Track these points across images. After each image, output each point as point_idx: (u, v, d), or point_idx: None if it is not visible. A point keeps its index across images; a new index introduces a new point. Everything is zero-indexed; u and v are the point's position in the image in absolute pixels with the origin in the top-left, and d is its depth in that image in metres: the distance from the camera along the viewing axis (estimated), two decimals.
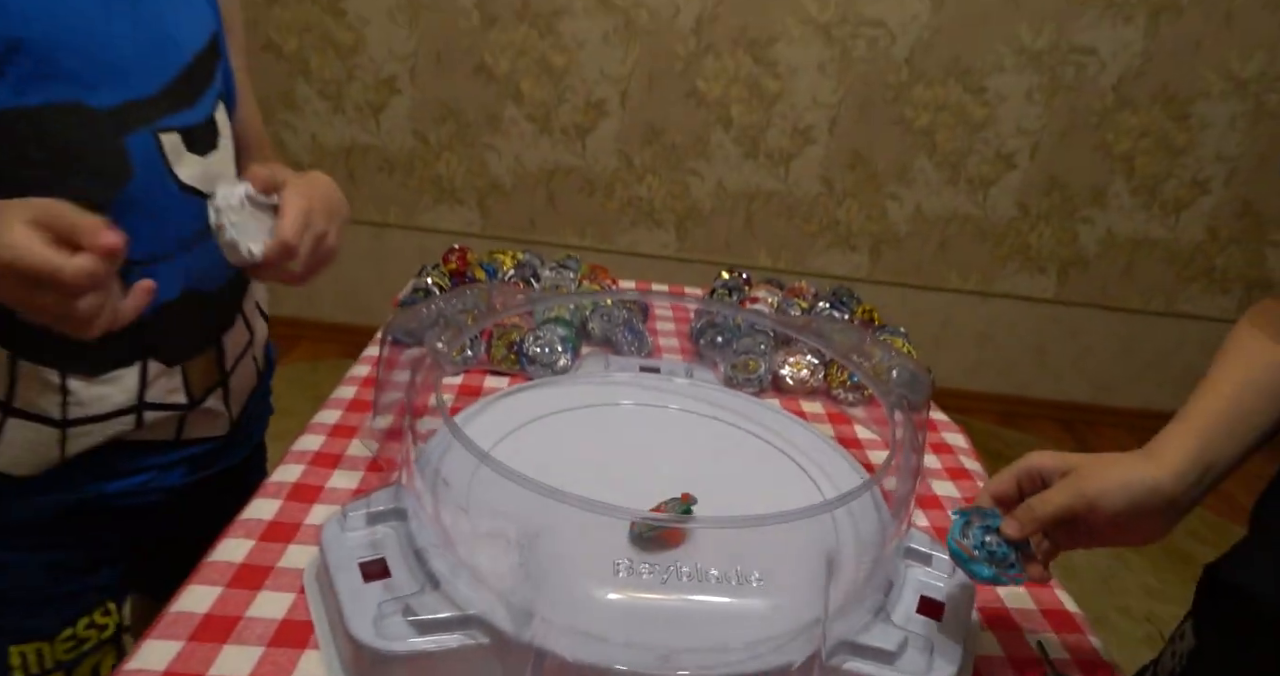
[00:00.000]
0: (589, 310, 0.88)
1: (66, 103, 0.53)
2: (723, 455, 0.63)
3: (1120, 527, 0.45)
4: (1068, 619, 0.55)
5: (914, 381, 0.83)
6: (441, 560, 0.47)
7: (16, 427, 0.57)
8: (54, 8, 0.52)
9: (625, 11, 2.03)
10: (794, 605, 0.43)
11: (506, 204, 2.24)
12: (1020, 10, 2.02)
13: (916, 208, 2.21)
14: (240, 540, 0.53)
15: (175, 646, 0.44)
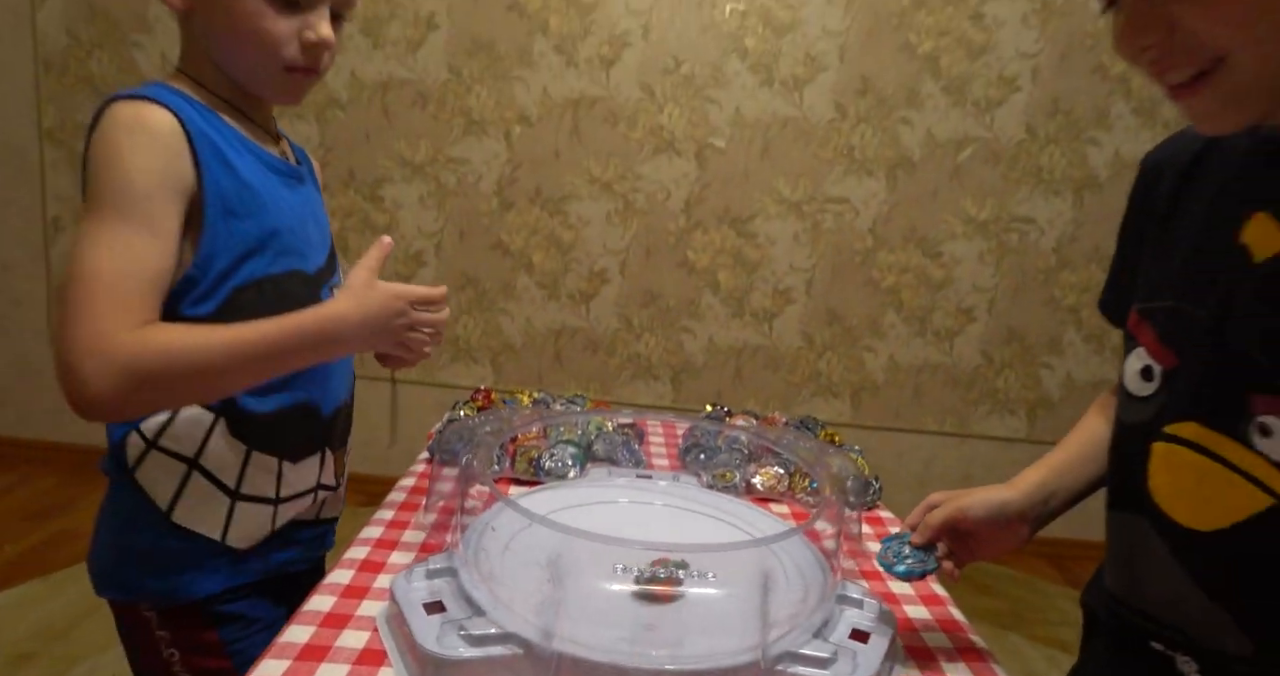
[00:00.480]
0: (594, 434, 1.06)
1: (295, 270, 0.76)
2: (700, 530, 0.79)
3: (989, 536, 0.63)
4: (979, 655, 0.69)
5: (864, 488, 1.00)
6: (485, 597, 0.62)
7: (244, 509, 0.76)
8: (286, 205, 0.77)
9: (624, 196, 2.36)
10: (744, 621, 0.58)
11: (517, 361, 2.46)
12: (964, 187, 2.35)
13: (890, 358, 2.43)
14: (326, 596, 0.68)
15: (285, 664, 0.59)
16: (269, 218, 0.74)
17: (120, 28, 2.30)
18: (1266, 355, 0.50)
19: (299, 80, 0.74)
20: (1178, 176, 0.60)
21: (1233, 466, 0.52)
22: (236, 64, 0.73)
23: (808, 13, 2.25)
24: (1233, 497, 0.51)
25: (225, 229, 0.70)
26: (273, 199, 0.75)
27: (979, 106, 2.30)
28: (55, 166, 2.40)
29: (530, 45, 2.28)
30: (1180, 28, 0.46)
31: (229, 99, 0.75)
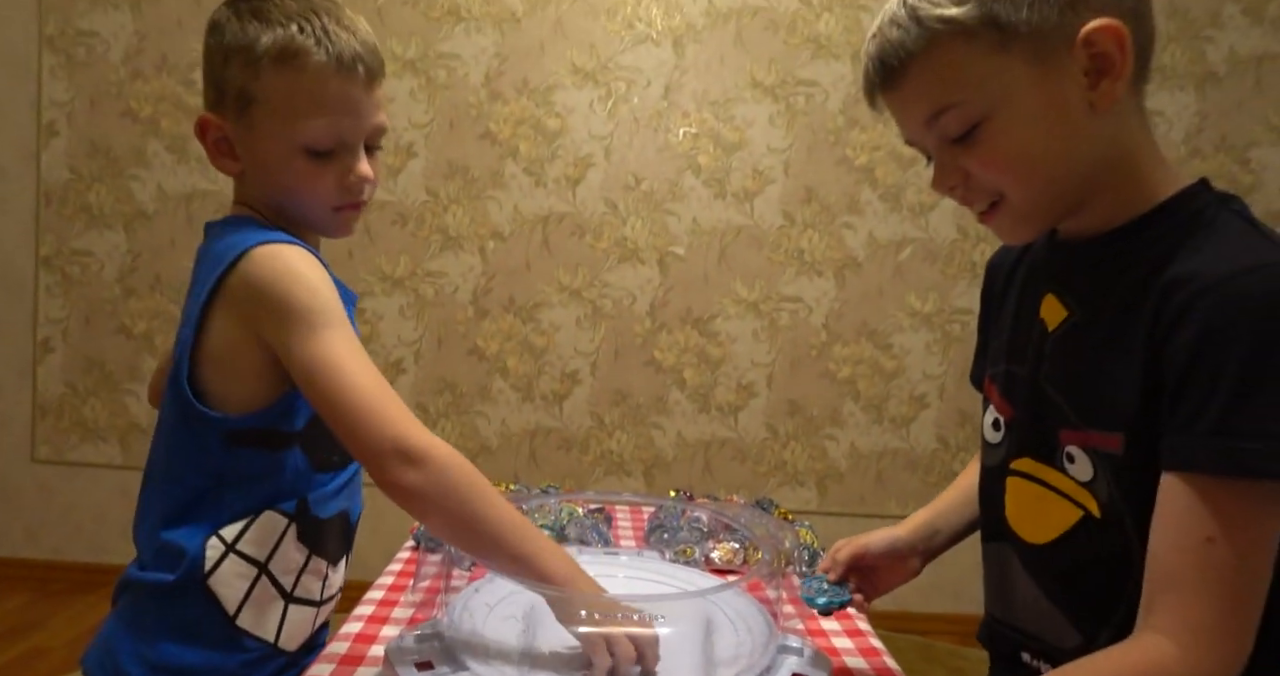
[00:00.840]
0: (566, 519, 1.16)
1: None
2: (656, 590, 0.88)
3: (887, 568, 0.76)
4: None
5: (813, 557, 1.11)
6: (469, 655, 0.71)
7: (295, 611, 0.81)
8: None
9: (592, 301, 2.52)
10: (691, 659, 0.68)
11: (494, 462, 2.54)
12: (907, 283, 2.54)
13: (851, 445, 2.55)
14: (325, 665, 0.76)
15: None
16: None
17: (119, 163, 2.48)
18: (1064, 399, 0.65)
19: (348, 216, 0.83)
20: (1008, 273, 0.78)
21: (1054, 488, 0.66)
22: (292, 212, 0.81)
23: (753, 133, 2.50)
24: (1056, 514, 0.65)
25: None
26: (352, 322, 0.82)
27: (914, 211, 2.53)
28: (50, 291, 2.52)
29: (502, 168, 2.49)
30: (971, 176, 0.63)
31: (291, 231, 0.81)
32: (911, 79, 0.62)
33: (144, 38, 2.44)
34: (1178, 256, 0.59)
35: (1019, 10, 0.58)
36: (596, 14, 2.46)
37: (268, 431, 0.77)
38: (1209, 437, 0.54)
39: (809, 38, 2.48)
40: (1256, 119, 2.50)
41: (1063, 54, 0.59)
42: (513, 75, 2.47)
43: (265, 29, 0.76)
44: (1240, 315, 0.54)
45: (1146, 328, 0.59)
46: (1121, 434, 0.60)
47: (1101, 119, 0.61)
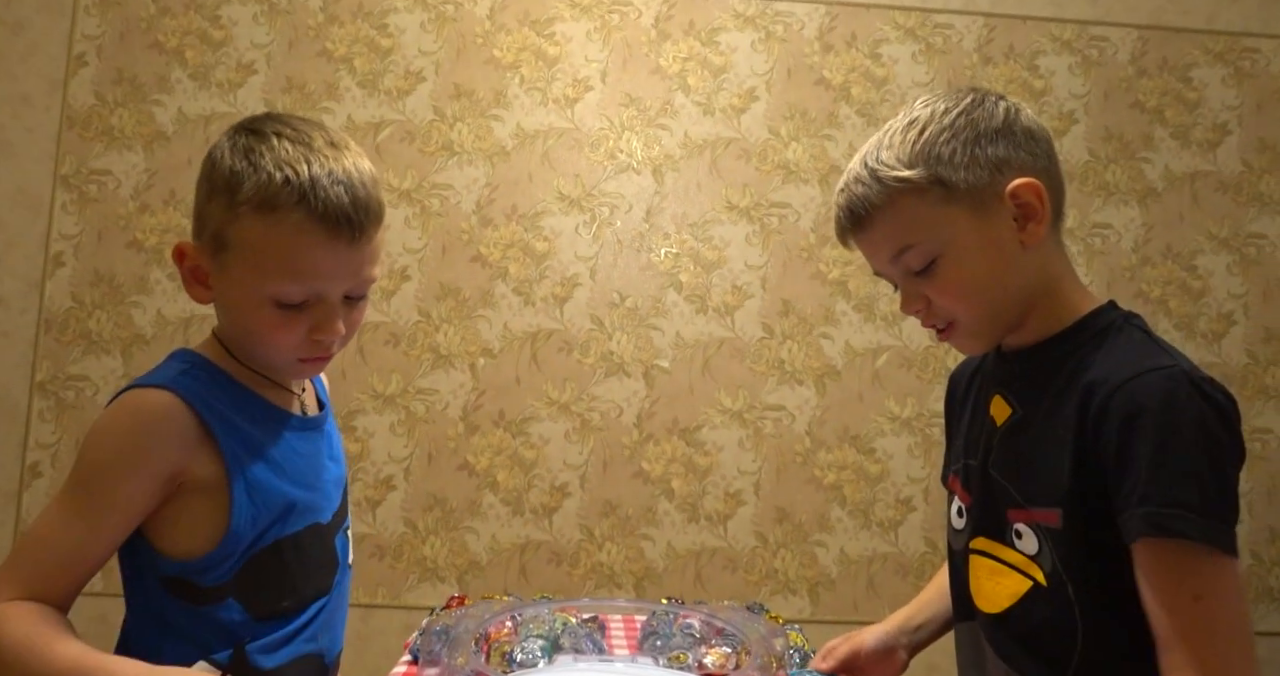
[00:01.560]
0: (560, 629, 1.17)
1: (314, 524, 0.81)
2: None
3: (878, 663, 0.81)
4: None
5: (804, 660, 1.13)
6: None
7: None
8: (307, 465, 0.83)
9: (580, 415, 2.58)
10: None
11: (484, 578, 2.52)
12: (885, 389, 2.62)
13: (841, 551, 2.55)
14: None
15: None
16: (289, 487, 0.78)
17: (121, 290, 2.58)
18: (1010, 483, 0.75)
19: (311, 366, 0.81)
20: (966, 383, 0.92)
21: (1005, 563, 0.75)
22: (253, 353, 0.80)
23: (731, 252, 2.64)
24: (1009, 585, 0.74)
25: (250, 506, 0.74)
26: (294, 464, 0.80)
27: (887, 320, 2.64)
28: (42, 416, 2.55)
29: (492, 289, 2.60)
30: (931, 302, 0.79)
31: (248, 363, 0.81)
32: (877, 225, 0.76)
33: (154, 175, 2.59)
34: (1094, 362, 0.73)
35: (958, 172, 0.73)
36: (581, 146, 2.65)
37: (188, 585, 0.74)
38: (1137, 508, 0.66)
39: (779, 164, 2.67)
40: (1198, 230, 2.68)
41: (995, 205, 0.74)
42: (502, 203, 2.62)
43: (251, 172, 0.72)
44: (1146, 407, 0.67)
45: (1074, 420, 0.71)
46: (1059, 509, 0.71)
47: (1030, 254, 0.75)
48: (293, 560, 0.78)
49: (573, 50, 2.67)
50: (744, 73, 2.69)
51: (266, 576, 0.75)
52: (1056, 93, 2.71)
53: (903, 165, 0.74)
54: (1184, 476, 0.65)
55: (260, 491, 0.76)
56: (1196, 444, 0.66)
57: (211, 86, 2.63)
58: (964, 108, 0.76)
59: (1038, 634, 0.71)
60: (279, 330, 0.75)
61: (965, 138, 0.73)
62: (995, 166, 0.74)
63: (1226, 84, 2.72)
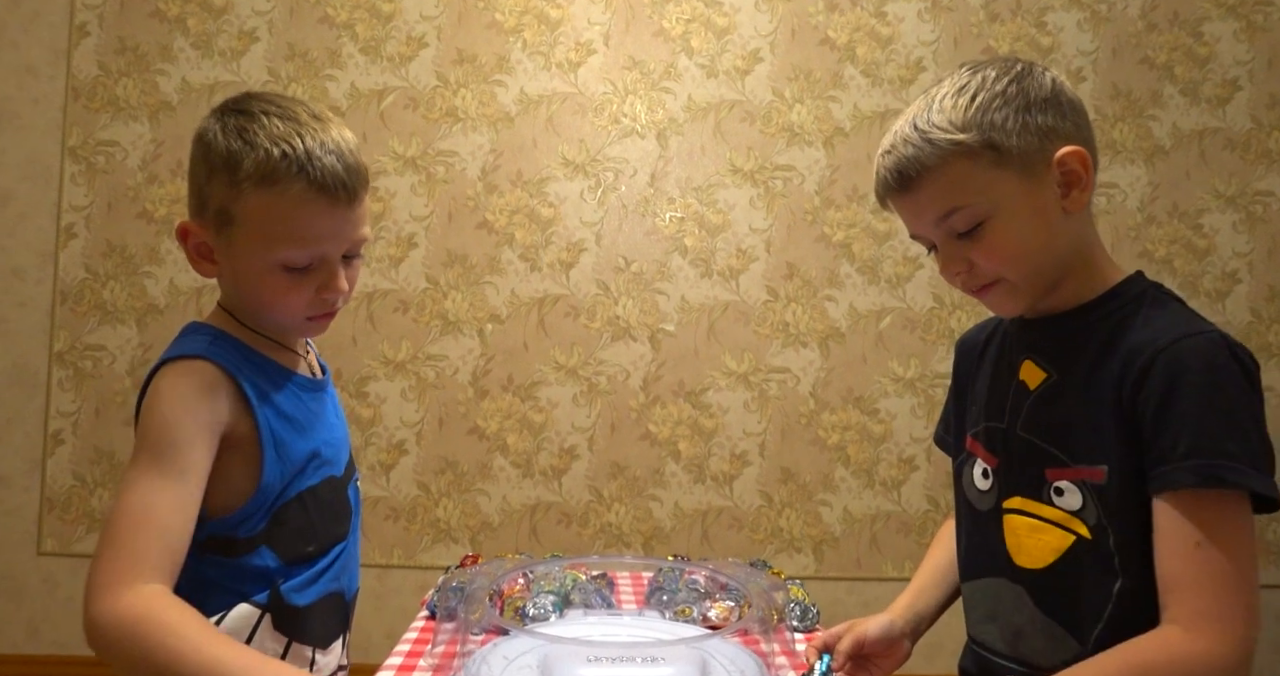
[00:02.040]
0: (570, 585, 1.22)
1: (329, 477, 0.88)
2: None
3: (883, 654, 0.83)
4: None
5: (804, 613, 1.17)
6: None
7: None
8: (320, 420, 0.91)
9: (588, 379, 2.62)
10: None
11: (495, 539, 2.59)
12: (889, 351, 2.65)
13: (845, 510, 2.61)
14: None
15: None
16: (308, 442, 0.85)
17: (134, 261, 2.61)
18: (1050, 443, 0.79)
19: (321, 323, 0.87)
20: (980, 348, 0.94)
21: (1046, 520, 0.79)
22: (263, 318, 0.85)
23: (735, 215, 2.65)
24: (1053, 540, 0.78)
25: (278, 461, 0.81)
26: (308, 420, 0.86)
27: (891, 282, 2.66)
28: (62, 385, 2.61)
29: (499, 255, 2.62)
30: (974, 264, 0.80)
31: (258, 328, 0.86)
32: (925, 187, 0.78)
33: (161, 145, 2.61)
34: (1132, 327, 0.77)
35: (1010, 138, 0.75)
36: (585, 111, 2.64)
37: (225, 539, 0.79)
38: (1184, 461, 0.70)
39: (783, 127, 2.66)
40: (1204, 188, 2.67)
41: (1043, 171, 0.77)
42: (507, 169, 2.63)
43: (249, 150, 0.77)
44: (1193, 368, 0.71)
45: (1114, 383, 0.75)
46: (1105, 466, 0.75)
47: (1070, 221, 0.79)
48: (314, 509, 0.85)
49: (575, 13, 2.65)
50: (747, 33, 2.67)
51: (293, 524, 0.82)
52: (1064, 50, 2.68)
53: (956, 129, 0.76)
54: (1232, 430, 0.69)
55: (285, 447, 0.83)
56: (1239, 401, 0.70)
57: (214, 55, 2.62)
58: (1015, 75, 0.78)
59: (1080, 583, 0.75)
60: (290, 293, 0.81)
61: (1017, 105, 0.76)
62: (1044, 134, 0.76)
63: (1238, 38, 2.68)
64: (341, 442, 0.95)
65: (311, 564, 0.86)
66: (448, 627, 1.00)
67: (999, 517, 0.84)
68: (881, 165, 0.81)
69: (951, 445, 0.98)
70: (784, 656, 1.01)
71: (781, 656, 0.98)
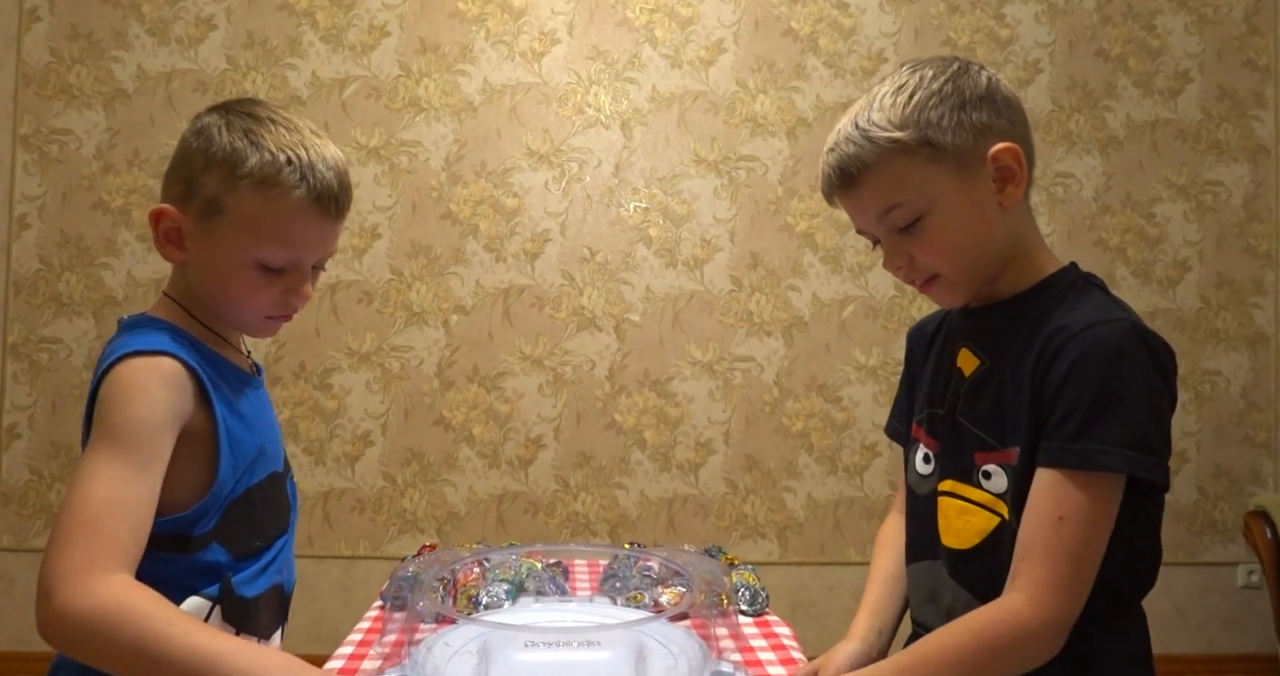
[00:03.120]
0: (525, 573, 1.23)
1: (273, 472, 0.90)
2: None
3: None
4: None
5: (753, 597, 1.20)
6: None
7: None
8: (262, 417, 0.91)
9: (553, 369, 2.62)
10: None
11: (462, 529, 2.59)
12: (851, 339, 2.68)
13: (808, 496, 2.65)
14: None
15: None
16: (257, 436, 0.86)
17: (90, 252, 2.57)
18: (979, 428, 0.82)
19: (275, 324, 0.89)
20: (929, 338, 0.96)
21: (974, 502, 0.82)
22: (222, 310, 0.86)
23: (699, 206, 2.66)
24: (978, 523, 0.81)
25: (232, 457, 0.82)
26: (254, 417, 0.87)
27: (853, 271, 2.69)
28: (16, 378, 2.57)
29: (463, 246, 2.62)
30: (914, 258, 0.82)
31: (209, 324, 0.87)
32: (866, 184, 0.80)
33: (116, 134, 2.57)
34: (1055, 315, 0.80)
35: (945, 135, 0.78)
36: (549, 101, 2.64)
37: (179, 537, 0.79)
38: (1070, 442, 0.73)
39: (747, 117, 2.68)
40: (1157, 178, 2.73)
41: (977, 167, 0.79)
42: (471, 159, 2.62)
43: (255, 151, 0.80)
44: (1095, 353, 0.73)
45: (1032, 366, 0.78)
46: (1018, 448, 0.78)
47: (1007, 215, 0.81)
48: (260, 504, 0.87)
49: (538, 2, 2.64)
50: (711, 24, 2.68)
51: (242, 520, 0.84)
52: (1022, 42, 2.72)
53: (894, 127, 0.78)
54: (1120, 415, 0.71)
55: (238, 444, 0.84)
56: (1135, 386, 0.72)
57: (171, 42, 2.58)
58: (951, 74, 0.80)
59: (1003, 564, 0.76)
60: (258, 290, 0.83)
61: (952, 103, 0.78)
62: (979, 131, 0.78)
63: (1189, 31, 2.74)
64: (278, 439, 0.96)
65: (258, 558, 0.88)
66: (398, 617, 1.01)
67: (934, 500, 0.86)
68: (825, 163, 0.83)
69: (902, 434, 1.00)
70: (730, 639, 1.03)
71: (728, 639, 1.00)
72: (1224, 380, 2.73)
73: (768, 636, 1.10)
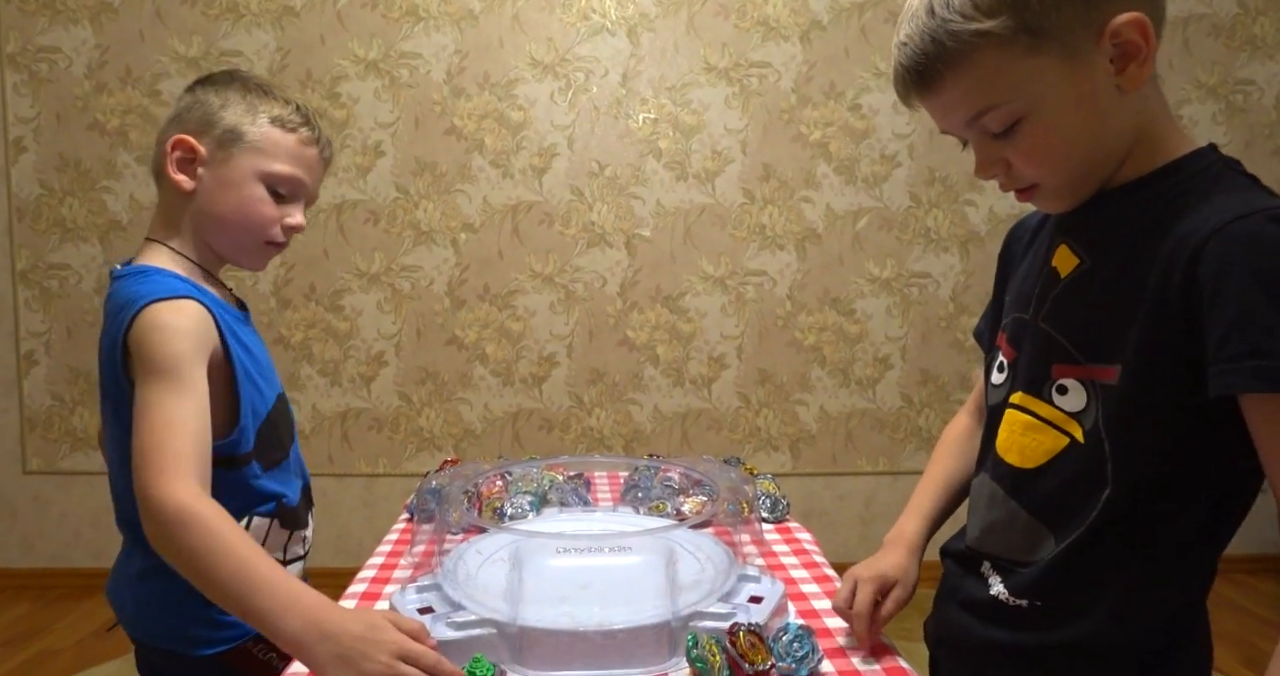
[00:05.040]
0: (548, 485, 1.25)
1: (280, 394, 1.01)
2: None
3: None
4: None
5: (774, 505, 1.21)
6: (463, 597, 0.80)
7: (292, 570, 0.99)
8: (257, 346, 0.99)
9: (565, 286, 2.60)
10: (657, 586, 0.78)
11: (479, 446, 2.63)
12: (865, 252, 2.64)
13: (821, 409, 2.67)
14: None
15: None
16: (259, 365, 0.96)
17: (90, 176, 2.53)
18: (1064, 336, 0.72)
19: (271, 253, 0.98)
20: (1030, 235, 0.84)
21: (1043, 419, 0.72)
22: (224, 236, 0.94)
23: (710, 116, 2.58)
24: (1046, 442, 0.72)
25: (250, 387, 0.92)
26: (253, 347, 0.97)
27: (868, 182, 2.63)
28: (29, 305, 2.57)
29: (469, 162, 2.56)
30: (1012, 165, 0.69)
31: (199, 263, 0.95)
32: (949, 86, 0.67)
33: (106, 51, 2.48)
34: (1189, 207, 0.64)
35: (1049, 14, 0.62)
36: (552, 7, 2.52)
37: (227, 457, 0.89)
38: (1245, 361, 0.58)
39: (759, 21, 2.56)
40: (1186, 77, 2.62)
41: (1091, 47, 0.63)
42: (474, 71, 2.53)
43: (274, 101, 0.95)
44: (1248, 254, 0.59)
45: (1158, 272, 0.64)
46: (1119, 366, 0.66)
47: (1127, 100, 0.66)
48: (279, 423, 0.99)
49: None
50: None
51: (269, 439, 0.95)
52: None
53: (981, 14, 0.63)
54: None
55: (248, 372, 0.94)
56: None
57: None
58: None
59: (1068, 487, 0.70)
60: (264, 205, 0.94)
61: None
62: (1090, 2, 0.63)
63: None
64: (271, 364, 1.06)
65: (282, 465, 0.99)
66: (426, 528, 1.02)
67: (1002, 413, 0.77)
68: (897, 59, 0.69)
69: (986, 338, 0.88)
70: (753, 545, 1.05)
71: (751, 545, 1.02)
72: None
73: (789, 542, 1.12)
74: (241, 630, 0.92)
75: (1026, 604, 0.72)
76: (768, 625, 0.78)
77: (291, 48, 2.51)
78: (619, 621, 0.74)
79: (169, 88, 2.49)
